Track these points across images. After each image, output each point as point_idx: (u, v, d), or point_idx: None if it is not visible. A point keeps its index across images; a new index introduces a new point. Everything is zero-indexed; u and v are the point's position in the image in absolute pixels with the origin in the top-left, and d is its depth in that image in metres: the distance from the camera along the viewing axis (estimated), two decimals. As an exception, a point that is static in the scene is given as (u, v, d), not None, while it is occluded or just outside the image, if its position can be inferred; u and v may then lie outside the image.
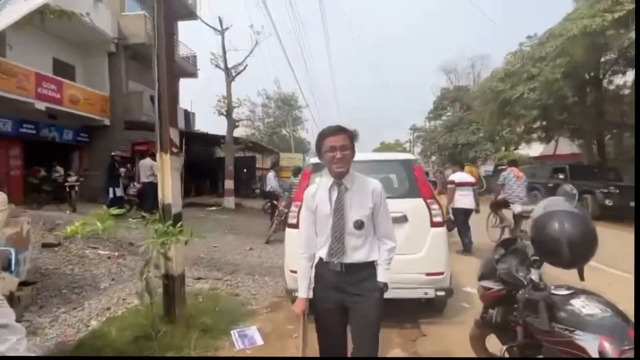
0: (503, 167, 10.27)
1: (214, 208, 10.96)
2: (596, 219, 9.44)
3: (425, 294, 2.83)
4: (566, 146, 18.54)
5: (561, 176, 11.04)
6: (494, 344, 1.89)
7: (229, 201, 11.32)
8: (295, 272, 2.31)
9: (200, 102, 34.06)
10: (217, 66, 11.92)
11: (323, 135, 1.58)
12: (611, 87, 14.12)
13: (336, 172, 1.55)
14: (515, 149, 21.21)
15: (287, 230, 3.19)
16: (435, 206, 2.95)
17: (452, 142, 22.43)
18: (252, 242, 6.69)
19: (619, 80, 14.18)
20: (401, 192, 3.14)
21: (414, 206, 2.95)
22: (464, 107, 25.09)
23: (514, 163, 6.06)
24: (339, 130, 1.56)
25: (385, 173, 3.57)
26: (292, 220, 3.14)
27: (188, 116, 15.05)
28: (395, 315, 2.96)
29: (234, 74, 11.92)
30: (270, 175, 8.72)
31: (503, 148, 21.52)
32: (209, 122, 28.36)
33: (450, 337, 2.76)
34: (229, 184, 11.53)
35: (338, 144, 1.52)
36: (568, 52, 8.41)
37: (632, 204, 9.26)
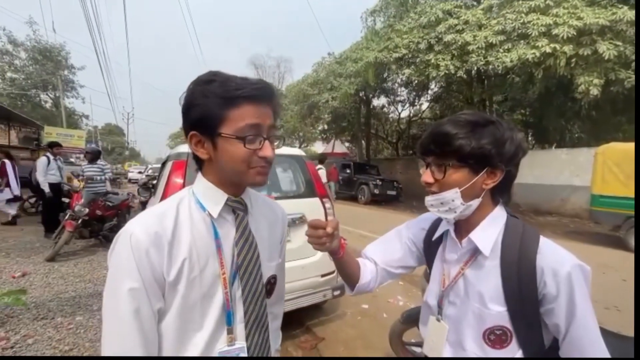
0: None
1: None
2: (369, 203, 12.70)
3: (324, 296, 2.76)
4: (339, 146, 25.55)
5: (348, 171, 13.96)
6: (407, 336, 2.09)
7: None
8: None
9: None
10: None
11: (232, 95, 0.65)
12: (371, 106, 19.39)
13: (256, 181, 0.71)
14: (307, 145, 25.39)
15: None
16: (329, 204, 2.93)
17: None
18: (24, 262, 4.39)
19: (376, 102, 19.75)
20: (299, 191, 2.92)
21: (311, 206, 2.81)
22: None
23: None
24: (268, 92, 0.69)
25: (282, 170, 3.20)
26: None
27: None
28: (282, 329, 2.77)
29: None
30: (43, 160, 6.01)
31: (297, 144, 25.14)
32: None
33: (346, 333, 2.85)
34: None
35: (268, 120, 0.68)
36: (361, 73, 10.72)
37: (389, 192, 13.16)
